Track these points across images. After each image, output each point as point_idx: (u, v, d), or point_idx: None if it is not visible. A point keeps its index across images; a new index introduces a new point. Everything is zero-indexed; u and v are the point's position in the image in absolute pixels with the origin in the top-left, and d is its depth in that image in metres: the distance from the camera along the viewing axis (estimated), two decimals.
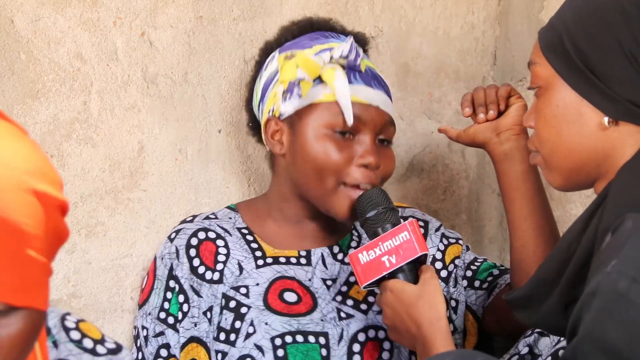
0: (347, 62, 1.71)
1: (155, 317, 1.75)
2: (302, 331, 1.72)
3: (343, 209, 1.72)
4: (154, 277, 1.78)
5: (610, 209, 1.28)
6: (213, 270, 1.76)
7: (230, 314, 1.73)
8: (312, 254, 1.81)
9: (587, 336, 1.16)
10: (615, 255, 1.16)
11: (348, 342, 1.73)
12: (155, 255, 1.80)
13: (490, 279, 1.84)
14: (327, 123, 1.71)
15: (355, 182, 1.71)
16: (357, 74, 1.73)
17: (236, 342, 1.71)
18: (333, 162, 1.70)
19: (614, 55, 1.30)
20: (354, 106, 1.70)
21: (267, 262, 1.79)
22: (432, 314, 1.51)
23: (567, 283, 1.33)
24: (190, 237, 1.78)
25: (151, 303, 1.77)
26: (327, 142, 1.71)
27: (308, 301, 1.76)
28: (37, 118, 1.74)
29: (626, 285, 1.14)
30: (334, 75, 1.70)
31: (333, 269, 1.81)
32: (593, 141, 1.34)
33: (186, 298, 1.74)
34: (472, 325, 1.85)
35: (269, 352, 1.69)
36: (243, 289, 1.75)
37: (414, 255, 1.57)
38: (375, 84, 1.75)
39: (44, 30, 1.74)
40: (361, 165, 1.71)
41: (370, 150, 1.71)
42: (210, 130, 1.93)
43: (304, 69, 1.71)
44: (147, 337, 1.75)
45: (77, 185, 1.79)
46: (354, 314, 1.77)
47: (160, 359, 1.74)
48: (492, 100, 1.76)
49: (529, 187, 1.72)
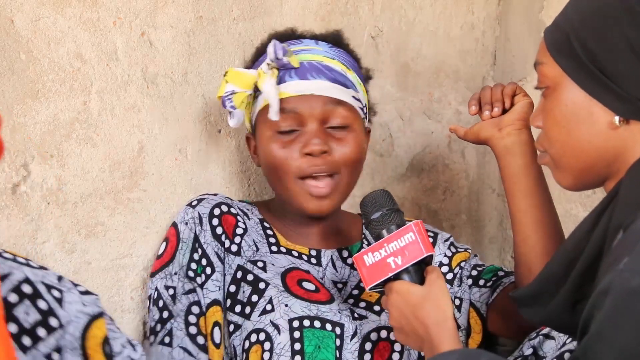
0: (277, 63, 1.77)
1: (184, 275, 1.76)
2: (320, 317, 1.74)
3: (306, 204, 1.77)
4: (178, 240, 1.79)
5: (621, 207, 1.27)
6: (231, 241, 1.79)
7: (248, 288, 1.75)
8: (322, 254, 1.84)
9: (599, 334, 1.16)
10: (628, 253, 1.16)
11: (360, 340, 1.75)
12: (175, 222, 1.81)
13: (495, 279, 1.85)
14: (269, 126, 1.78)
15: (303, 173, 1.75)
16: (291, 72, 1.78)
17: (251, 315, 1.73)
18: (279, 160, 1.76)
19: (622, 53, 1.30)
20: (288, 101, 1.76)
21: (280, 250, 1.82)
22: (439, 314, 1.51)
23: (575, 281, 1.33)
24: (214, 207, 1.81)
25: (177, 263, 1.77)
26: (273, 143, 1.78)
27: (326, 293, 1.78)
28: (37, 118, 1.74)
29: (638, 284, 1.14)
30: (264, 80, 1.76)
31: (343, 272, 1.83)
32: (603, 140, 1.34)
33: (209, 262, 1.76)
34: (476, 323, 1.85)
35: (285, 332, 1.71)
36: (260, 263, 1.78)
37: (420, 256, 1.56)
38: (313, 75, 1.78)
39: (44, 30, 1.74)
40: (305, 154, 1.75)
41: (312, 137, 1.76)
42: (210, 130, 1.93)
43: (233, 82, 1.78)
44: (175, 295, 1.75)
45: (77, 185, 1.79)
46: (367, 315, 1.78)
47: (192, 315, 1.74)
48: (498, 98, 1.77)
49: (529, 181, 1.73)
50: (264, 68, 1.77)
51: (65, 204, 1.78)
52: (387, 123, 2.15)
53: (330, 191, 1.77)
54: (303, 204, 1.77)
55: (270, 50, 1.75)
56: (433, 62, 2.19)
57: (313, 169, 1.75)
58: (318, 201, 1.77)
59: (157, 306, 1.76)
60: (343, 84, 1.79)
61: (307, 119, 1.76)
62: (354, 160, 1.80)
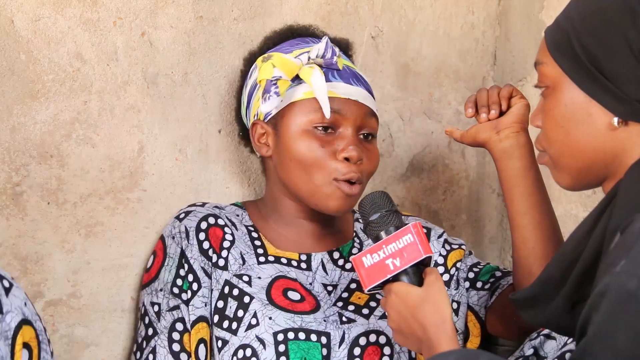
0: (324, 61, 1.76)
1: (169, 292, 1.76)
2: (304, 329, 1.72)
3: (332, 203, 1.76)
4: (164, 254, 1.78)
5: (619, 208, 1.27)
6: (219, 255, 1.78)
7: (234, 302, 1.74)
8: (312, 258, 1.83)
9: (596, 337, 1.16)
10: (625, 255, 1.16)
11: (349, 345, 1.74)
12: (163, 235, 1.81)
13: (493, 280, 1.85)
14: (308, 120, 1.75)
15: (339, 177, 1.74)
16: (335, 72, 1.78)
17: (238, 331, 1.72)
18: (316, 158, 1.74)
19: (622, 54, 1.29)
20: (333, 101, 1.75)
21: (268, 259, 1.80)
22: (437, 316, 1.51)
23: (574, 282, 1.33)
24: (201, 221, 1.79)
25: (162, 279, 1.77)
26: (309, 139, 1.75)
27: (311, 301, 1.77)
28: (37, 118, 1.74)
29: (635, 286, 1.14)
30: (312, 72, 1.74)
31: (333, 274, 1.82)
32: (602, 141, 1.34)
33: (195, 278, 1.76)
34: (474, 327, 1.85)
35: (270, 346, 1.70)
36: (245, 277, 1.77)
37: (418, 258, 1.56)
38: (354, 82, 1.79)
39: (44, 30, 1.74)
40: (343, 158, 1.74)
41: (352, 142, 1.75)
42: (210, 130, 1.93)
43: (280, 67, 1.76)
44: (160, 312, 1.75)
45: (77, 185, 1.79)
46: (355, 318, 1.77)
47: (176, 332, 1.74)
48: (495, 101, 1.77)
49: (528, 183, 1.73)
50: (303, 60, 1.76)
51: (65, 204, 1.78)
52: (387, 123, 2.15)
53: (357, 193, 1.78)
54: (329, 203, 1.76)
55: (322, 46, 1.75)
56: (433, 62, 2.19)
57: (350, 175, 1.74)
58: (346, 200, 1.76)
59: (144, 322, 1.78)
60: (373, 95, 1.83)
61: (347, 123, 1.76)
62: (374, 170, 1.82)
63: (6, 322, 1.48)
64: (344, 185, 1.75)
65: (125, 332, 1.86)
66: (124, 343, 1.86)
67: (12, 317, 1.49)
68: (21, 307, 1.51)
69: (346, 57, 1.88)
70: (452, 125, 2.20)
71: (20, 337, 1.49)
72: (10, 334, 1.48)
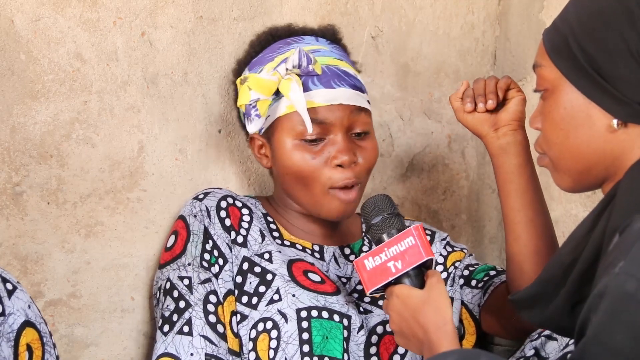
0: (300, 71, 1.76)
1: (198, 265, 1.76)
2: (328, 308, 1.74)
3: (332, 210, 1.78)
4: (188, 232, 1.79)
5: (618, 209, 1.28)
6: (237, 232, 1.79)
7: (255, 279, 1.76)
8: (324, 250, 1.85)
9: (595, 338, 1.16)
10: (623, 256, 1.16)
11: (367, 333, 1.76)
12: (182, 215, 1.81)
13: (486, 279, 1.86)
14: (295, 134, 1.77)
15: (335, 185, 1.76)
16: (314, 79, 1.78)
17: (258, 305, 1.74)
18: (310, 170, 1.76)
19: (621, 56, 1.30)
20: (316, 111, 1.75)
21: (284, 243, 1.83)
22: (439, 318, 1.51)
23: (573, 283, 1.33)
24: (220, 200, 1.81)
25: (189, 254, 1.77)
26: (300, 152, 1.77)
27: (331, 284, 1.79)
28: (37, 118, 1.74)
29: (634, 287, 1.14)
30: (289, 87, 1.75)
31: (346, 268, 1.85)
32: (601, 143, 1.34)
33: (221, 253, 1.77)
34: (469, 325, 1.86)
35: (292, 321, 1.72)
36: (266, 255, 1.78)
37: (420, 260, 1.57)
38: (336, 82, 1.78)
39: (44, 30, 1.74)
40: (336, 165, 1.76)
41: (342, 148, 1.76)
42: (210, 130, 1.93)
43: (257, 89, 1.76)
44: (191, 285, 1.74)
45: (77, 185, 1.79)
46: (372, 309, 1.80)
47: (210, 304, 1.73)
48: (492, 90, 1.77)
49: (523, 180, 1.73)
50: (281, 72, 1.76)
51: (64, 204, 1.78)
52: (387, 123, 2.15)
53: (357, 195, 1.79)
54: (330, 211, 1.79)
55: (295, 57, 1.75)
56: (433, 62, 2.19)
57: (345, 181, 1.76)
58: (345, 206, 1.78)
59: (172, 296, 1.74)
60: (360, 89, 1.82)
61: (334, 129, 1.77)
62: (373, 165, 1.83)
63: (8, 324, 1.48)
64: (341, 193, 1.77)
65: (125, 332, 1.86)
66: (124, 343, 1.86)
67: (15, 319, 1.49)
68: (24, 309, 1.51)
69: (335, 44, 1.87)
70: (452, 125, 2.20)
71: (23, 339, 1.50)
72: (12, 335, 1.49)
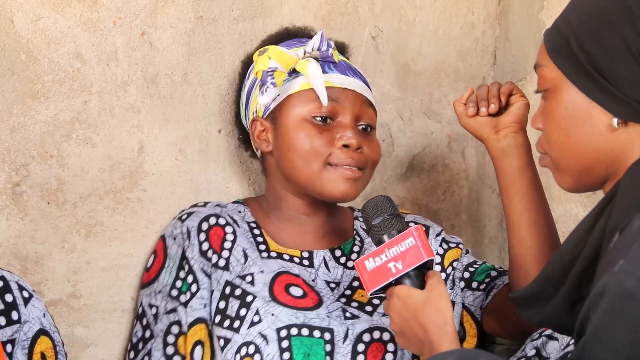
0: (320, 54, 1.80)
1: (167, 294, 1.77)
2: (307, 325, 1.73)
3: (333, 188, 1.77)
4: (165, 255, 1.79)
5: (618, 208, 1.28)
6: (219, 256, 1.78)
7: (236, 302, 1.75)
8: (314, 256, 1.83)
9: (595, 336, 1.16)
10: (623, 255, 1.17)
11: (353, 341, 1.74)
12: (164, 235, 1.82)
13: (488, 280, 1.85)
14: (306, 110, 1.78)
15: (338, 162, 1.76)
16: (331, 65, 1.82)
17: (240, 329, 1.73)
18: (314, 146, 1.76)
19: (621, 56, 1.30)
20: (330, 90, 1.79)
21: (271, 255, 1.81)
22: (439, 319, 1.51)
23: (573, 282, 1.33)
24: (202, 221, 1.80)
25: (161, 281, 1.78)
26: (307, 128, 1.78)
27: (314, 297, 1.77)
28: (37, 118, 1.74)
29: (633, 286, 1.14)
30: (308, 65, 1.78)
31: (336, 272, 1.83)
32: (602, 142, 1.34)
33: (195, 279, 1.76)
34: (471, 327, 1.85)
35: (273, 342, 1.70)
36: (248, 277, 1.77)
37: (420, 261, 1.57)
38: (350, 73, 1.83)
39: (44, 30, 1.74)
40: (342, 145, 1.77)
41: (350, 130, 1.78)
42: (210, 130, 1.93)
43: (276, 59, 1.81)
44: (157, 314, 1.76)
45: (77, 185, 1.79)
46: (359, 315, 1.78)
47: (171, 335, 1.74)
48: (494, 95, 1.77)
49: (525, 183, 1.73)
50: (300, 55, 1.80)
51: (64, 204, 1.78)
52: (387, 123, 2.15)
53: (360, 177, 1.79)
54: (327, 188, 1.77)
55: (317, 40, 1.80)
56: (433, 62, 2.19)
57: (349, 160, 1.76)
58: (349, 184, 1.77)
59: (141, 323, 1.79)
60: (369, 88, 1.86)
61: (345, 112, 1.79)
62: (377, 160, 1.84)
63: (24, 332, 1.49)
64: (344, 169, 1.76)
65: (125, 332, 1.86)
66: (124, 343, 1.86)
67: (30, 327, 1.51)
68: (40, 317, 1.53)
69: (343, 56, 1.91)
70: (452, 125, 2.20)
71: (37, 347, 1.51)
72: (27, 343, 1.49)
